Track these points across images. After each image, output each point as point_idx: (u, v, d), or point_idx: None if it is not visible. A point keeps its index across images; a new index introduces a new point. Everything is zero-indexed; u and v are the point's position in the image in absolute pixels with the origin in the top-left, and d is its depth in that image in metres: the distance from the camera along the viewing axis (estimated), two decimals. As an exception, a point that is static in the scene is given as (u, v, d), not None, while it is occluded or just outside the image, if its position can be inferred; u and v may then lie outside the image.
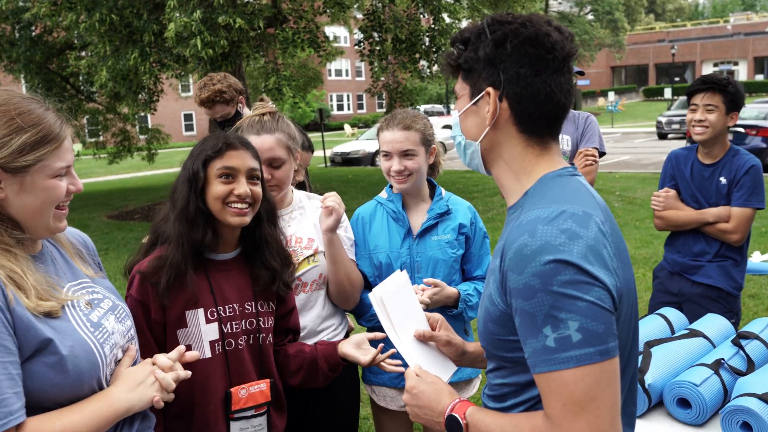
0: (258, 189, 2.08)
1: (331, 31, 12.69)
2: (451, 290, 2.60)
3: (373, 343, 2.20)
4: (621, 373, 1.37)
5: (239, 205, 2.02)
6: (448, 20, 12.66)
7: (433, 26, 12.50)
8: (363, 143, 23.96)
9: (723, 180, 3.48)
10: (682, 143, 21.87)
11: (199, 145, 2.09)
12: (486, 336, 1.47)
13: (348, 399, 2.75)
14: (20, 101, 1.53)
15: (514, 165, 1.48)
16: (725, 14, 77.94)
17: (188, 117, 48.15)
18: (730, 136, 3.71)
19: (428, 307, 2.49)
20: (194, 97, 4.10)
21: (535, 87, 1.40)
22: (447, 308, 2.61)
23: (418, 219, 2.71)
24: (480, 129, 1.49)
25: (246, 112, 4.27)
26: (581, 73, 3.68)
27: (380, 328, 1.91)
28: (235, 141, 2.07)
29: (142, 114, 14.46)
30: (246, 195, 2.03)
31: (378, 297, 1.87)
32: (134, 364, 1.74)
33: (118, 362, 1.69)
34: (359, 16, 17.23)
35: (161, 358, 1.72)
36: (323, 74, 29.54)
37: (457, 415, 1.49)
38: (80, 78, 15.89)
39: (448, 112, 34.35)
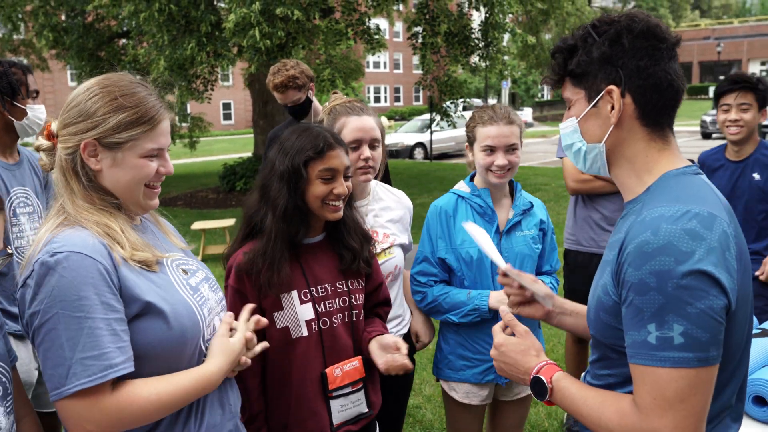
0: (350, 184, 2.15)
1: (371, 23, 12.70)
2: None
3: None
4: (733, 373, 1.42)
5: (336, 203, 2.10)
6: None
7: (486, 20, 12.46)
8: (401, 136, 23.98)
9: (756, 176, 3.55)
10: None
11: (295, 141, 2.09)
12: (597, 324, 1.51)
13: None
14: (127, 84, 1.66)
15: (637, 162, 1.50)
16: (773, 12, 75.99)
17: (227, 106, 48.67)
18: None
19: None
20: (267, 84, 4.18)
21: (657, 77, 1.44)
22: None
23: (503, 214, 2.72)
24: (603, 130, 1.51)
25: (315, 98, 4.37)
26: None
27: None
28: (332, 140, 2.11)
29: (183, 102, 14.71)
30: (344, 194, 2.11)
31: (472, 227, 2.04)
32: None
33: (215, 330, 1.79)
34: (401, 8, 17.22)
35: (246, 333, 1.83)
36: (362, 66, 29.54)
37: (543, 378, 1.54)
38: (128, 66, 16.23)
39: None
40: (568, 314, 1.93)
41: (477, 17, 13.61)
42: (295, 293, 2.10)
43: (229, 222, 9.29)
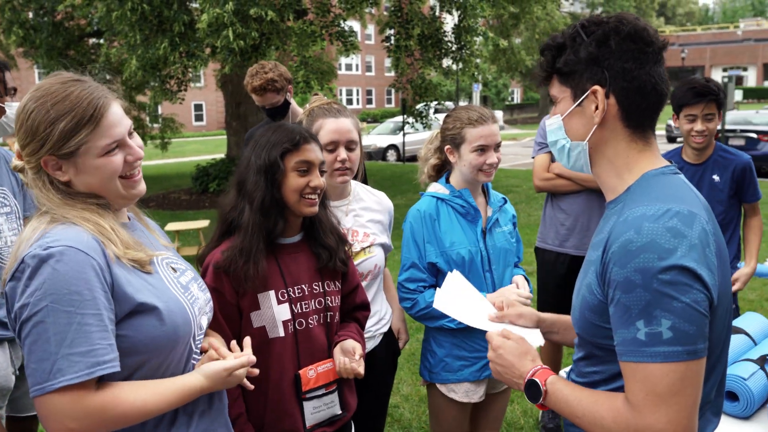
0: (324, 180, 2.19)
1: (345, 25, 12.72)
2: (523, 281, 2.78)
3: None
4: (712, 368, 1.45)
5: (312, 196, 2.12)
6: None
7: (459, 23, 12.55)
8: (374, 138, 23.95)
9: (716, 177, 3.66)
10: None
11: (271, 136, 2.12)
12: (582, 323, 1.53)
13: (386, 368, 2.87)
14: (58, 88, 1.58)
15: (617, 161, 1.53)
16: (735, 19, 77.60)
17: (198, 107, 48.18)
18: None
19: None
20: (245, 85, 4.18)
21: (641, 80, 1.47)
22: None
23: (481, 212, 2.77)
24: (587, 128, 1.53)
25: (293, 100, 4.38)
26: None
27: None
28: (308, 135, 2.15)
29: (156, 103, 14.54)
30: (320, 187, 2.13)
31: (443, 302, 2.01)
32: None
33: (203, 333, 1.79)
34: (373, 11, 17.25)
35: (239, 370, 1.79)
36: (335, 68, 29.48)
37: (538, 381, 1.56)
38: (97, 67, 15.97)
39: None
40: (555, 332, 1.97)
41: (450, 21, 13.67)
42: (272, 293, 2.11)
43: (203, 223, 9.22)
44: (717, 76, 53.64)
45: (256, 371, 1.84)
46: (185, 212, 13.17)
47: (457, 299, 2.05)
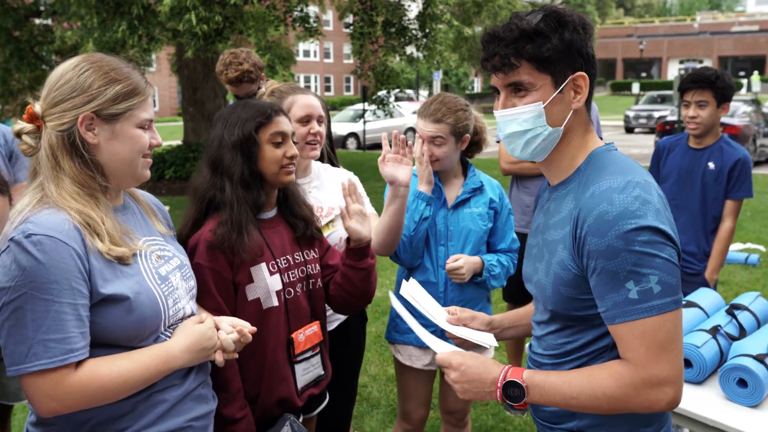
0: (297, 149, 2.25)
1: (308, 10, 12.59)
2: (475, 258, 2.81)
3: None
4: None
5: (290, 166, 2.18)
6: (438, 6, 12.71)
7: (423, 11, 12.61)
8: (334, 126, 23.63)
9: (711, 165, 3.72)
10: (650, 138, 22.32)
11: (241, 112, 2.15)
12: (557, 299, 1.60)
13: (359, 336, 2.96)
14: (113, 60, 1.74)
15: (575, 143, 1.62)
16: (692, 12, 79.22)
17: (152, 93, 47.25)
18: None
19: (462, 278, 2.73)
20: (218, 74, 4.26)
21: (595, 65, 1.61)
22: (473, 276, 2.80)
23: (453, 192, 2.88)
24: (564, 114, 1.59)
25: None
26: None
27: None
28: (278, 107, 2.23)
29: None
30: (296, 155, 2.20)
31: (400, 307, 2.10)
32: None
33: (182, 319, 1.81)
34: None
35: (225, 324, 1.86)
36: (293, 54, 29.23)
37: (516, 380, 1.56)
38: (45, 49, 15.46)
39: (418, 98, 34.28)
40: (508, 327, 2.05)
41: (414, 8, 13.69)
42: (263, 265, 2.15)
43: (163, 209, 9.08)
44: (674, 67, 54.79)
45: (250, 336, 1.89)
46: (143, 199, 12.94)
47: (415, 304, 2.15)
